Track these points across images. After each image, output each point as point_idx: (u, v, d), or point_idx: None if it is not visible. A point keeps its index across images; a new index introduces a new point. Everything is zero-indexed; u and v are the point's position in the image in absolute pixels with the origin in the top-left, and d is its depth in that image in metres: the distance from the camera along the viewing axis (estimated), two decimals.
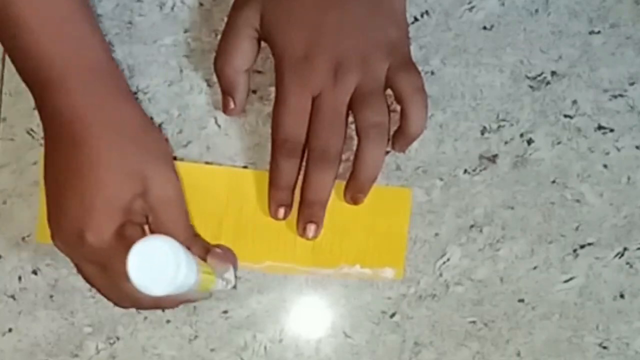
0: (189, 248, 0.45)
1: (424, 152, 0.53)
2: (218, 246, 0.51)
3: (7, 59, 0.49)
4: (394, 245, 0.52)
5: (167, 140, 0.52)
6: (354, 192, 0.50)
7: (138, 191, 0.46)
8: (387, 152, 0.52)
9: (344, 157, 0.51)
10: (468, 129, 0.53)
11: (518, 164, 0.53)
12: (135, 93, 0.53)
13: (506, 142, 0.53)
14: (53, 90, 0.46)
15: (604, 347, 0.52)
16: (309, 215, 0.50)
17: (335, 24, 0.48)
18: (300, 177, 0.50)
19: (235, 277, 0.51)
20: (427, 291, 0.52)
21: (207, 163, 0.53)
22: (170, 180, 0.48)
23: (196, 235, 0.51)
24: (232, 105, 0.51)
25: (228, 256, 0.51)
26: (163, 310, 0.52)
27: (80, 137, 0.45)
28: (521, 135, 0.53)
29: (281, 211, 0.51)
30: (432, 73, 0.53)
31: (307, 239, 0.51)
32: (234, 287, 0.51)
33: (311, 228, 0.50)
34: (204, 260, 0.49)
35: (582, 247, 0.53)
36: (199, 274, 0.41)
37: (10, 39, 0.46)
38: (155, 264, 0.38)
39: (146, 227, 0.48)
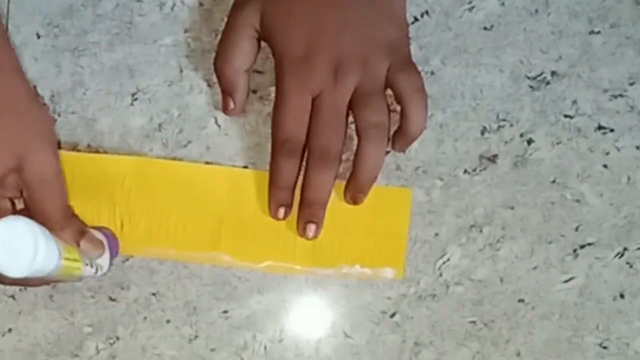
0: (62, 229, 0.46)
1: (424, 152, 0.53)
2: (101, 229, 0.50)
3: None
4: (394, 246, 0.52)
5: (54, 120, 0.52)
6: (354, 192, 0.50)
7: (12, 165, 0.47)
8: (387, 152, 0.52)
9: (343, 157, 0.51)
10: (468, 129, 0.53)
11: (518, 164, 0.53)
12: (135, 93, 0.53)
13: (506, 142, 0.53)
14: None
15: (604, 347, 0.52)
16: (309, 215, 0.50)
17: (336, 23, 0.48)
18: (301, 177, 0.50)
19: (111, 263, 0.50)
20: (427, 291, 0.52)
21: (207, 163, 0.53)
22: (47, 159, 0.48)
23: (73, 217, 0.50)
24: (231, 105, 0.51)
25: (108, 241, 0.50)
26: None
27: None
28: (521, 135, 0.53)
29: (281, 211, 0.51)
30: (432, 73, 0.53)
31: (307, 238, 0.51)
32: (104, 273, 0.50)
33: (311, 228, 0.50)
34: (78, 243, 0.48)
35: (582, 247, 0.53)
36: (61, 259, 0.41)
37: None
38: (14, 245, 0.38)
39: (19, 202, 0.48)
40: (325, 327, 0.52)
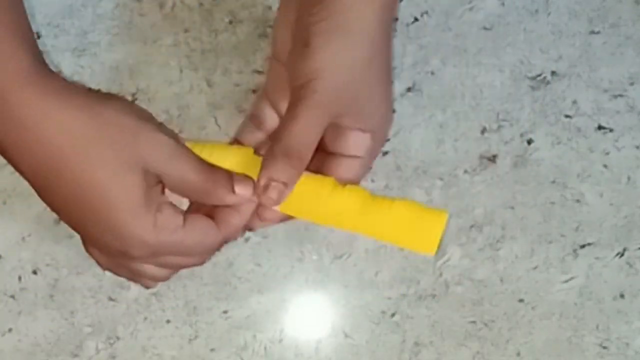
0: (213, 190, 0.44)
1: (424, 152, 0.53)
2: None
3: None
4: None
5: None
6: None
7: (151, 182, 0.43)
8: (386, 153, 0.53)
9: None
10: (468, 129, 0.53)
11: (518, 164, 0.53)
12: (135, 93, 0.53)
13: (506, 142, 0.53)
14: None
15: (604, 347, 0.52)
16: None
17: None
18: None
19: None
20: (427, 291, 0.52)
21: None
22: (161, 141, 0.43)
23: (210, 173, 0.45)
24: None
25: None
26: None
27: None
28: (521, 135, 0.53)
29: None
30: (432, 73, 0.54)
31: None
32: None
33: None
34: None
35: (582, 247, 0.53)
36: None
37: None
38: None
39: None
40: (325, 327, 0.52)
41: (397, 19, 0.54)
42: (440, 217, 0.45)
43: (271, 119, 0.49)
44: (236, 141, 0.49)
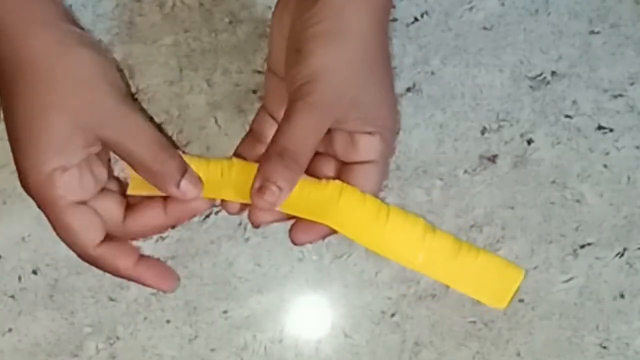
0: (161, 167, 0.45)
1: (424, 152, 0.53)
2: None
3: None
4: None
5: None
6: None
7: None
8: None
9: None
10: (468, 129, 0.53)
11: (518, 164, 0.53)
12: (135, 93, 0.53)
13: (506, 142, 0.53)
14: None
15: (604, 347, 0.52)
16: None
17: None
18: None
19: None
20: (427, 291, 0.52)
21: None
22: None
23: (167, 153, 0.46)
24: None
25: None
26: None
27: None
28: (521, 135, 0.53)
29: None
30: (432, 73, 0.54)
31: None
32: None
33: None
34: (177, 185, 0.46)
35: (582, 247, 0.53)
36: None
37: None
38: None
39: None
40: (325, 327, 0.52)
41: (396, 19, 0.54)
42: (518, 275, 0.46)
43: (272, 131, 0.48)
44: (237, 156, 0.49)
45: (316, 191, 0.46)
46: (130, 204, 0.47)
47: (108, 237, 0.46)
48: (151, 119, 0.53)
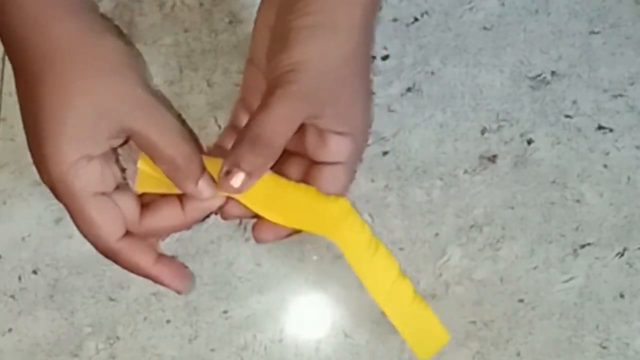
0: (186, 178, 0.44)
1: (424, 152, 0.53)
2: None
3: (7, 59, 0.49)
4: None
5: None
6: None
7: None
8: (386, 153, 0.53)
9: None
10: (468, 129, 0.53)
11: (518, 164, 0.53)
12: None
13: (506, 142, 0.53)
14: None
15: (604, 347, 0.52)
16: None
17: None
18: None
19: None
20: (427, 291, 0.52)
21: None
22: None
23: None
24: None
25: None
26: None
27: None
28: (521, 135, 0.53)
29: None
30: (432, 73, 0.54)
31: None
32: None
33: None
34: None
35: (582, 247, 0.53)
36: None
37: None
38: None
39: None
40: (325, 327, 0.52)
41: (396, 19, 0.54)
42: (445, 337, 0.49)
43: None
44: (218, 148, 0.48)
45: (324, 205, 0.46)
46: (145, 203, 0.46)
47: (128, 233, 0.46)
48: (179, 115, 0.52)
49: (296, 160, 0.47)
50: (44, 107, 0.42)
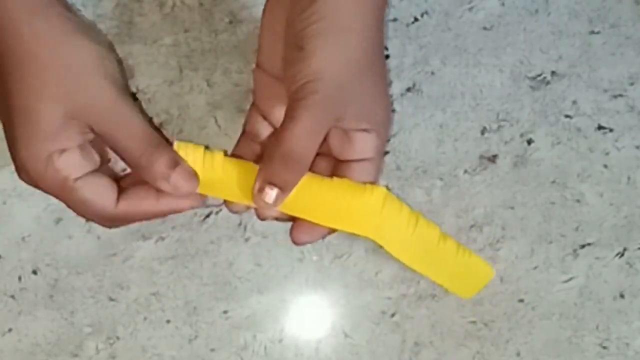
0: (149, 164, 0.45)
1: (424, 152, 0.53)
2: None
3: None
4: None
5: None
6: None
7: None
8: (387, 153, 0.53)
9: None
10: (468, 129, 0.53)
11: (518, 164, 0.53)
12: (135, 93, 0.53)
13: (506, 142, 0.53)
14: None
15: (604, 347, 0.52)
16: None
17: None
18: None
19: None
20: (427, 291, 0.52)
21: None
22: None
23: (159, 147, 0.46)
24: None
25: None
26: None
27: None
28: (521, 135, 0.53)
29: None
30: (432, 73, 0.54)
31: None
32: None
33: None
34: (168, 179, 0.46)
35: (582, 247, 0.53)
36: None
37: None
38: None
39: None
40: (325, 327, 0.52)
41: (396, 19, 0.54)
42: (490, 272, 0.50)
43: (266, 131, 0.48)
44: (234, 157, 0.48)
45: (361, 199, 0.46)
46: (123, 188, 0.47)
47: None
48: (151, 119, 0.53)
49: (321, 160, 0.48)
50: (14, 110, 0.44)
